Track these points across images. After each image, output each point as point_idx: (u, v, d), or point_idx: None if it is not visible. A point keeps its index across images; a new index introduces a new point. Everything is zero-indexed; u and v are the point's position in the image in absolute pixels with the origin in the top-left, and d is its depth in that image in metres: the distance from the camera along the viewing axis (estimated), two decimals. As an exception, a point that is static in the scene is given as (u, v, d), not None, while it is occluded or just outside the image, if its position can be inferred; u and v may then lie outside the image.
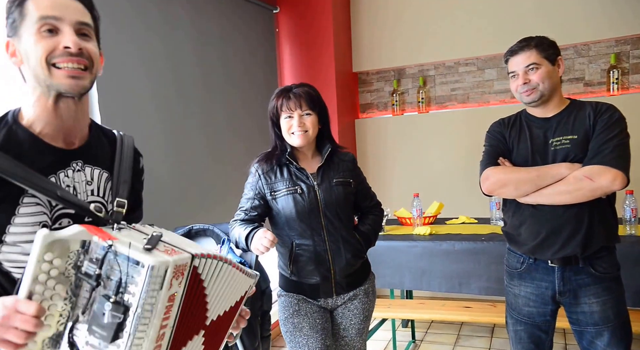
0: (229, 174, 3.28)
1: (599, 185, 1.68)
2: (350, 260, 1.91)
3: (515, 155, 1.89)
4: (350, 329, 1.98)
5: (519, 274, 1.93)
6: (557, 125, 1.83)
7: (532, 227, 1.85)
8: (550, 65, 1.81)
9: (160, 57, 2.78)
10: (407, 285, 3.02)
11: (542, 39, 1.84)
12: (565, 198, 1.74)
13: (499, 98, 3.97)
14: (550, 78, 1.81)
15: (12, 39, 0.99)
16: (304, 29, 3.97)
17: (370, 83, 4.37)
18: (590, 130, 1.76)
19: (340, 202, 1.90)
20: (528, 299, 1.91)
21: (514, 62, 1.85)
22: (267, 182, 1.89)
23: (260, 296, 2.46)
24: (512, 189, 1.83)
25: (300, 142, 1.86)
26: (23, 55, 0.97)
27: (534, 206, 1.83)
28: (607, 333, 1.79)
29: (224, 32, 3.34)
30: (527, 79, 1.81)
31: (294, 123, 1.85)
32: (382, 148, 4.28)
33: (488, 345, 3.37)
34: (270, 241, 1.69)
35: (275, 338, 3.58)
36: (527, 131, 1.88)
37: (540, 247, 1.84)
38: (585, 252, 1.78)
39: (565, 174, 1.73)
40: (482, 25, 3.86)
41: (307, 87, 1.91)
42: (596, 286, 1.80)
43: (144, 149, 2.61)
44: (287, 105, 1.85)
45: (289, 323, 1.92)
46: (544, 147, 1.83)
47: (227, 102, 3.35)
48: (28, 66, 0.97)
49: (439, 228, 3.14)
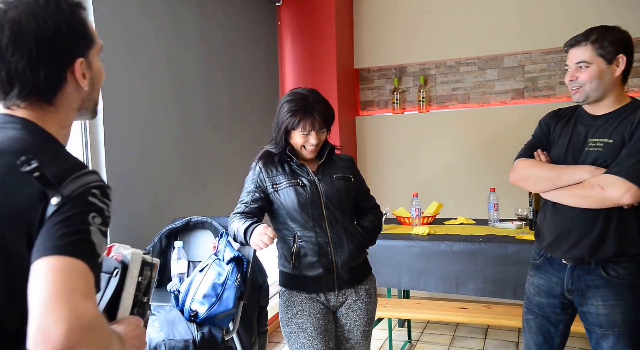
0: (230, 167, 3.26)
1: (608, 195, 1.65)
2: (354, 252, 1.91)
3: (554, 150, 1.88)
4: (355, 331, 1.97)
5: (536, 265, 1.97)
6: (601, 126, 1.76)
7: (550, 223, 1.88)
8: (604, 63, 1.71)
9: (162, 50, 2.75)
10: (405, 285, 3.02)
11: (605, 33, 1.72)
12: (579, 201, 1.73)
13: (499, 99, 3.96)
14: (601, 78, 1.72)
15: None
16: (306, 23, 3.94)
17: (371, 80, 4.35)
18: (628, 137, 1.69)
19: (342, 194, 1.91)
20: (539, 290, 1.94)
21: (569, 55, 1.79)
22: (268, 176, 1.89)
23: (257, 291, 2.45)
24: (531, 184, 1.89)
25: (312, 156, 1.91)
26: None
27: (554, 204, 1.84)
28: (612, 337, 1.78)
29: (226, 24, 3.31)
30: (574, 76, 1.76)
31: (310, 140, 1.86)
32: (382, 146, 4.27)
33: (482, 347, 3.38)
34: (270, 238, 1.69)
35: (271, 333, 3.56)
36: (571, 127, 1.84)
37: (553, 244, 1.86)
38: (594, 256, 1.77)
39: (585, 177, 1.71)
40: (484, 25, 3.85)
41: (325, 103, 1.89)
42: (605, 289, 1.77)
43: (145, 140, 2.62)
44: (306, 124, 1.84)
45: (293, 324, 1.91)
46: (580, 147, 1.79)
47: (228, 95, 3.32)
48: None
49: (437, 228, 3.13)
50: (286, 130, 1.86)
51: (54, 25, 0.88)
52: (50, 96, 0.92)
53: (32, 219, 0.80)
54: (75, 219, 0.80)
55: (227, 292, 2.14)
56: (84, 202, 0.82)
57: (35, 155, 0.82)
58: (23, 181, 0.81)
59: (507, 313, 2.92)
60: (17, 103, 0.91)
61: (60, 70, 0.91)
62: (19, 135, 0.88)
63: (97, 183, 0.85)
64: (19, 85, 0.89)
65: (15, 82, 0.89)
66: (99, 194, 0.84)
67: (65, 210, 0.80)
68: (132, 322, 0.95)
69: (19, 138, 0.88)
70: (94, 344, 0.75)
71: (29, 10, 0.87)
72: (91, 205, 0.82)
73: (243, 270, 2.21)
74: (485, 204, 3.20)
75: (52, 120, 0.94)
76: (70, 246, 0.78)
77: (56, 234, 0.78)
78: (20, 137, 0.88)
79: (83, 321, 0.73)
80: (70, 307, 0.73)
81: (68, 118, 0.97)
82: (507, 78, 3.93)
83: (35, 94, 0.90)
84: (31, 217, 0.80)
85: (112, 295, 0.97)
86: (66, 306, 0.72)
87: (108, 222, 0.86)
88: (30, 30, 0.86)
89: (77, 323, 0.72)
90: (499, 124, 3.81)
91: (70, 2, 0.92)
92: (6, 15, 0.86)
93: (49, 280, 0.74)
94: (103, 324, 0.79)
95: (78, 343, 0.72)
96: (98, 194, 0.84)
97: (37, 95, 0.91)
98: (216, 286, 2.15)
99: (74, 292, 0.74)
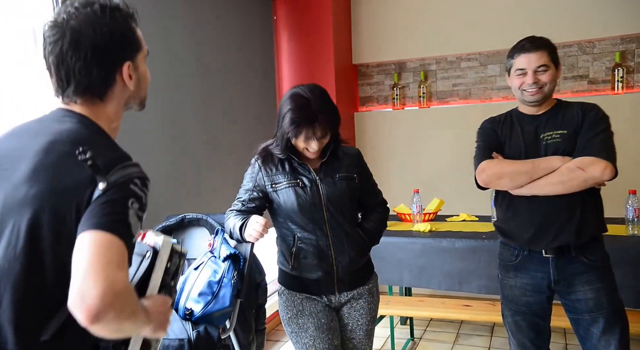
0: (226, 162, 3.23)
1: (590, 175, 1.77)
2: (354, 258, 1.86)
3: (508, 149, 1.96)
4: (358, 330, 1.94)
5: (514, 266, 1.99)
6: (547, 121, 1.92)
7: (525, 218, 1.92)
8: (554, 68, 1.90)
9: (156, 46, 2.70)
10: (407, 283, 2.99)
11: (550, 42, 1.92)
12: (558, 188, 1.82)
13: (501, 94, 3.92)
14: (553, 81, 1.91)
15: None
16: (303, 18, 3.89)
17: (370, 76, 4.31)
18: (578, 126, 1.87)
19: (344, 197, 1.84)
20: (525, 289, 1.96)
21: (525, 59, 1.89)
22: (267, 174, 1.83)
23: (255, 289, 2.41)
24: (508, 181, 1.90)
25: (314, 157, 1.82)
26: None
27: (527, 198, 1.90)
28: (601, 319, 1.86)
29: (220, 19, 3.27)
30: (537, 78, 1.87)
31: (312, 145, 1.76)
32: (382, 142, 4.22)
33: (488, 344, 3.34)
34: (262, 225, 1.66)
35: (270, 332, 3.54)
36: (518, 127, 1.96)
37: (534, 239, 1.90)
38: (579, 240, 1.85)
39: (558, 165, 1.82)
40: (485, 20, 3.81)
41: (328, 108, 1.77)
42: (589, 274, 1.87)
43: (140, 137, 2.58)
44: (308, 133, 1.73)
45: (294, 324, 1.87)
46: (536, 142, 1.91)
47: (223, 91, 3.28)
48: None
49: (439, 225, 3.10)
50: (288, 138, 1.77)
51: (108, 33, 1.04)
52: (101, 93, 1.07)
53: (82, 199, 0.94)
54: (116, 202, 0.94)
55: (223, 290, 2.11)
56: (125, 189, 0.96)
57: (90, 147, 0.96)
58: (78, 167, 0.95)
59: (512, 310, 2.86)
60: (74, 99, 1.06)
61: (110, 71, 1.06)
62: (76, 128, 1.04)
63: (139, 174, 1.00)
64: (74, 83, 1.04)
65: (72, 81, 1.04)
66: (139, 184, 0.99)
67: (109, 194, 0.94)
68: (158, 299, 1.08)
69: (76, 130, 1.03)
70: (123, 308, 0.89)
71: (87, 20, 1.02)
72: (131, 193, 0.96)
73: (239, 267, 2.17)
74: (487, 200, 3.14)
75: (103, 115, 1.09)
76: (111, 224, 0.92)
77: (100, 213, 0.92)
78: (77, 130, 1.03)
79: (115, 288, 0.86)
80: (106, 275, 0.86)
81: (116, 114, 1.12)
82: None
83: (89, 91, 1.06)
84: (81, 197, 0.94)
85: (143, 275, 1.09)
86: (103, 274, 0.86)
87: (145, 208, 1.00)
88: (88, 37, 1.02)
89: (110, 289, 0.86)
90: (501, 120, 3.76)
91: (123, 13, 1.08)
92: (68, 24, 1.02)
93: (90, 251, 0.88)
94: (132, 294, 0.93)
95: (110, 305, 0.85)
96: (139, 183, 0.99)
97: (90, 93, 1.06)
98: (212, 284, 2.11)
99: (110, 263, 0.88)
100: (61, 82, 1.05)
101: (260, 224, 1.66)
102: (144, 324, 0.97)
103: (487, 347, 3.29)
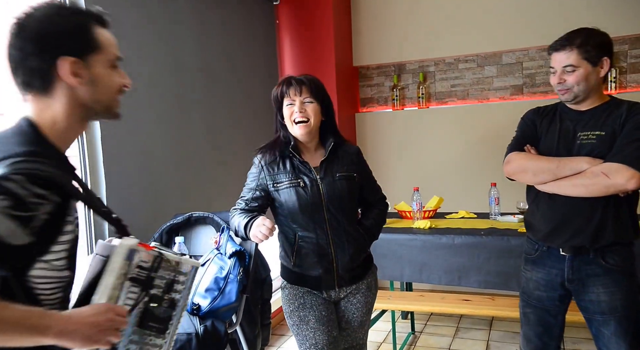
0: (230, 164, 3.28)
1: (613, 182, 1.70)
2: (354, 256, 1.91)
3: (542, 144, 1.92)
4: (352, 321, 1.99)
5: (533, 260, 1.99)
6: (588, 120, 1.84)
7: (546, 214, 1.90)
8: (590, 66, 1.78)
9: (161, 49, 2.78)
10: (407, 278, 3.02)
11: (588, 37, 1.78)
12: (580, 190, 1.77)
13: (498, 95, 3.98)
14: (587, 80, 1.79)
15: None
16: (305, 22, 3.97)
17: (370, 77, 4.38)
18: (619, 128, 1.77)
19: (344, 196, 1.88)
20: (538, 284, 1.96)
21: (554, 58, 1.84)
22: (269, 174, 1.87)
23: (260, 285, 2.46)
24: (530, 175, 1.88)
25: (302, 131, 1.85)
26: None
27: (550, 195, 1.87)
28: (613, 322, 1.83)
29: (225, 23, 3.34)
30: (562, 79, 1.81)
31: (295, 109, 1.84)
32: (383, 142, 4.29)
33: (487, 338, 3.39)
34: (268, 229, 1.68)
35: (275, 326, 3.58)
36: (558, 122, 1.90)
37: (552, 235, 1.88)
38: (594, 244, 1.81)
39: (585, 167, 1.76)
40: (483, 22, 3.87)
41: (310, 76, 1.91)
42: (605, 277, 1.83)
43: (144, 137, 2.65)
44: (288, 92, 1.85)
45: (295, 316, 1.92)
46: (571, 140, 1.84)
47: (227, 92, 3.34)
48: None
49: (439, 222, 3.14)
50: (278, 107, 1.89)
51: (51, 25, 1.03)
52: (42, 87, 1.05)
53: None
54: None
55: (229, 286, 2.16)
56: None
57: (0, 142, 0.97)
58: None
59: (511, 304, 2.92)
60: (25, 95, 1.06)
61: (47, 64, 1.03)
62: (9, 128, 1.05)
63: (27, 171, 0.92)
64: (20, 75, 1.05)
65: (18, 73, 1.04)
66: (20, 180, 0.91)
67: None
68: (92, 308, 1.00)
69: (5, 131, 1.04)
70: None
71: (36, 14, 1.03)
72: (2, 189, 0.89)
73: (245, 264, 2.22)
74: (485, 198, 3.21)
75: (48, 113, 1.06)
76: None
77: None
78: (6, 130, 1.05)
79: None
80: None
81: (65, 115, 1.07)
82: (505, 75, 3.95)
83: (31, 85, 1.05)
84: None
85: (92, 279, 1.04)
86: None
87: (27, 208, 0.91)
88: (31, 29, 1.02)
89: None
90: (499, 120, 3.82)
91: (75, 11, 1.10)
92: (20, 19, 1.03)
93: None
94: None
95: None
96: (19, 179, 0.91)
97: (31, 86, 1.05)
98: (218, 280, 2.16)
99: None
100: (13, 75, 1.05)
101: (267, 227, 1.68)
102: (23, 332, 0.88)
103: (486, 340, 3.34)
